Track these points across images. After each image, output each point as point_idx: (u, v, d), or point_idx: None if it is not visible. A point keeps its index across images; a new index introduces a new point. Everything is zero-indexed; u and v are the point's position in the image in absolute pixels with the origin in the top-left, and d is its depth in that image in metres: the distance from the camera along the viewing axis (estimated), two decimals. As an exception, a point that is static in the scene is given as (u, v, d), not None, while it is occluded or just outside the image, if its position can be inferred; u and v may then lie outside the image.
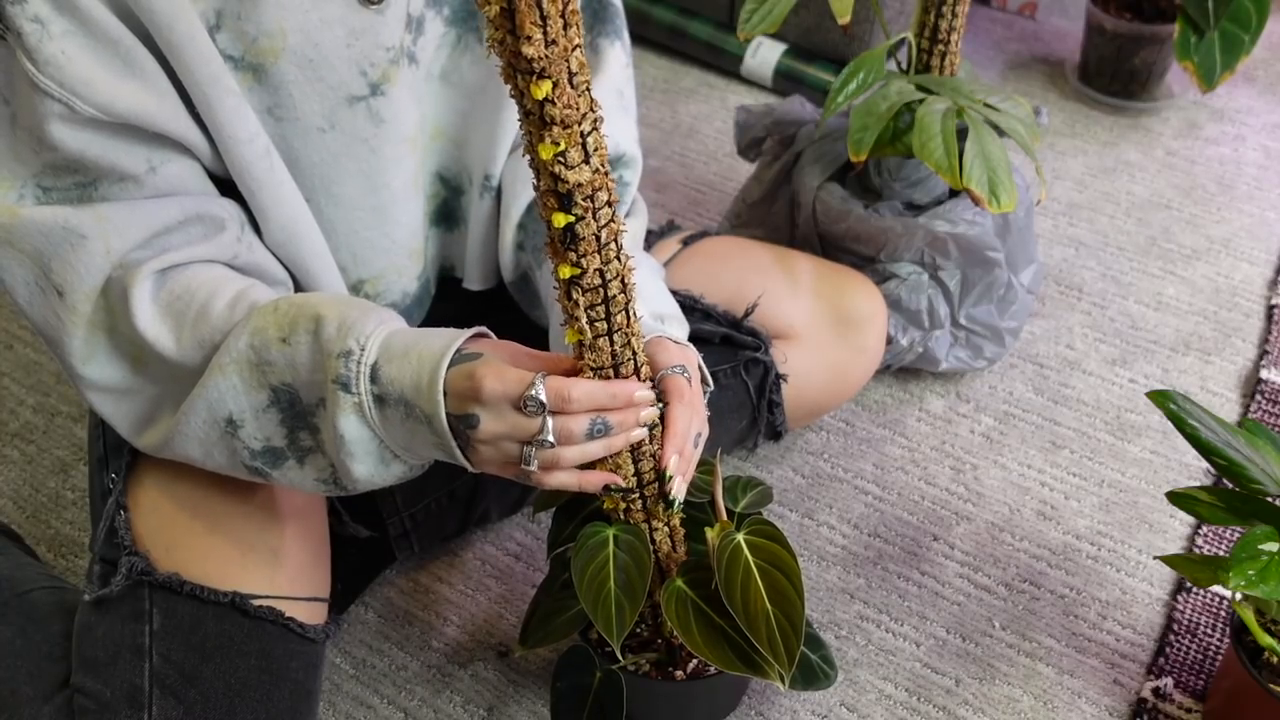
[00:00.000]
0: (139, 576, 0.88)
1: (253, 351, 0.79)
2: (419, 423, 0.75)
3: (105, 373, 0.83)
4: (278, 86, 0.82)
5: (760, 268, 1.18)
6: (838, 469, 1.25)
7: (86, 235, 0.78)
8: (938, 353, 1.29)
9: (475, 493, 1.11)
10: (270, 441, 0.81)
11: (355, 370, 0.75)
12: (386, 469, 0.80)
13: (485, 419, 0.73)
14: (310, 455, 0.82)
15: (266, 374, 0.79)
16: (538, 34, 0.59)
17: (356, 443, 0.78)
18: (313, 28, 0.81)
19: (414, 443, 0.78)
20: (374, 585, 1.15)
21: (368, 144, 0.87)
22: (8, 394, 1.37)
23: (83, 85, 0.73)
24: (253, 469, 0.83)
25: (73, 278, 0.79)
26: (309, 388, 0.79)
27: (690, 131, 1.76)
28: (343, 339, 0.76)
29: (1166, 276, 1.48)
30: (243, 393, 0.80)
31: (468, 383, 0.73)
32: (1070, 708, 1.04)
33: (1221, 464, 0.88)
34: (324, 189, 0.88)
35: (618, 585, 0.83)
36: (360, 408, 0.76)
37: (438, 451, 0.78)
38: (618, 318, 0.73)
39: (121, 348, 0.83)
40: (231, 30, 0.78)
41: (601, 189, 0.67)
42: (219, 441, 0.82)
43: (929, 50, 1.22)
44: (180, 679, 0.86)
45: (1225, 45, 1.39)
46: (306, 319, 0.78)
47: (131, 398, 0.85)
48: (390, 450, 0.79)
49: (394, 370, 0.75)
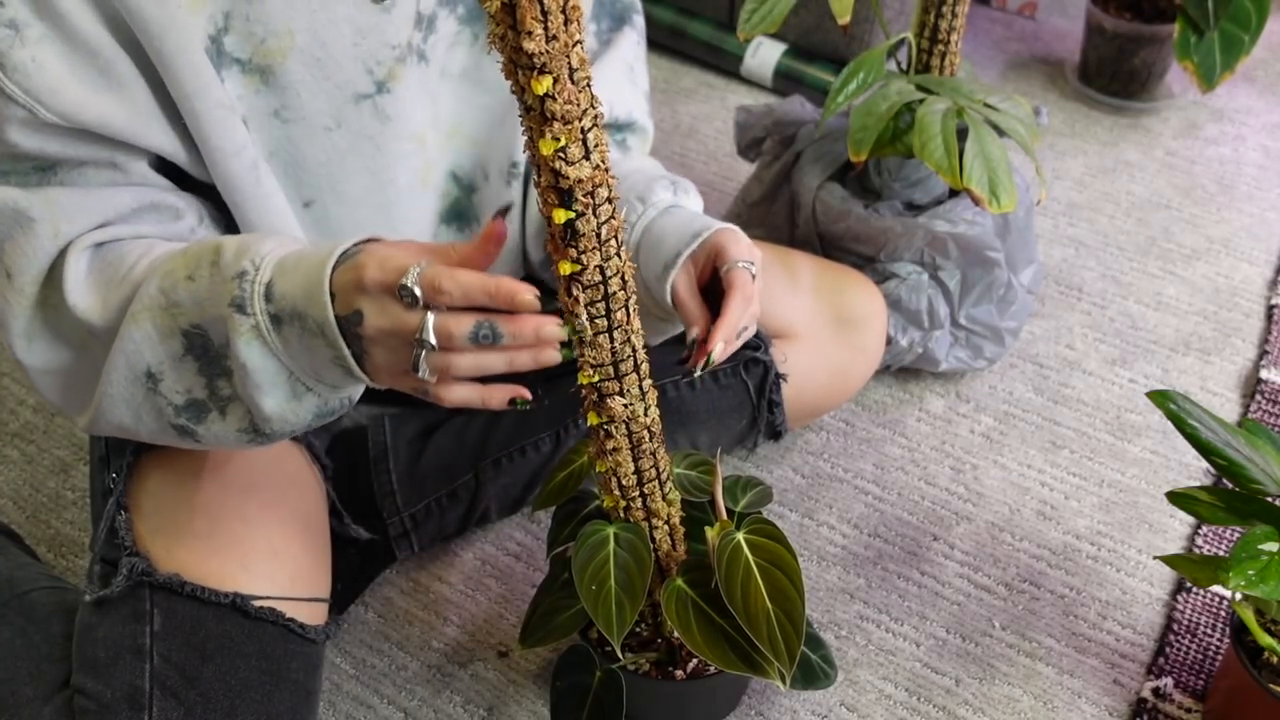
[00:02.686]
0: (140, 577, 0.88)
1: (162, 295, 0.76)
2: (314, 335, 0.71)
3: (47, 355, 0.82)
4: (285, 87, 0.82)
5: (760, 267, 1.17)
6: (838, 469, 1.25)
7: (35, 219, 0.78)
8: (938, 353, 1.29)
9: (476, 492, 1.11)
10: (191, 393, 0.78)
11: (250, 290, 0.72)
12: (299, 402, 0.76)
13: (368, 312, 0.69)
14: (231, 404, 0.78)
15: (176, 317, 0.76)
16: (538, 29, 0.59)
17: (260, 371, 0.74)
18: (320, 26, 0.81)
19: (314, 362, 0.73)
20: (374, 585, 1.15)
21: (373, 141, 0.87)
22: (8, 394, 1.37)
23: (49, 94, 0.73)
24: (179, 428, 0.80)
25: (21, 260, 0.79)
26: (215, 324, 0.75)
27: (690, 131, 1.76)
28: (238, 261, 0.73)
29: (1166, 276, 1.48)
30: (157, 341, 0.77)
31: (351, 274, 0.69)
32: (1070, 708, 1.04)
33: (1221, 464, 0.88)
34: (330, 187, 0.88)
35: (618, 584, 0.83)
36: (258, 329, 0.72)
37: (335, 366, 0.73)
38: (617, 314, 0.73)
39: (62, 328, 0.82)
40: (239, 32, 0.79)
41: (602, 185, 0.67)
42: (144, 401, 0.79)
43: (929, 50, 1.22)
44: (181, 680, 0.86)
45: (1225, 45, 1.39)
46: (209, 251, 0.75)
47: (73, 378, 0.84)
48: (299, 380, 0.75)
49: (286, 284, 0.71)
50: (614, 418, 0.78)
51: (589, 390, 0.78)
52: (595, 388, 0.77)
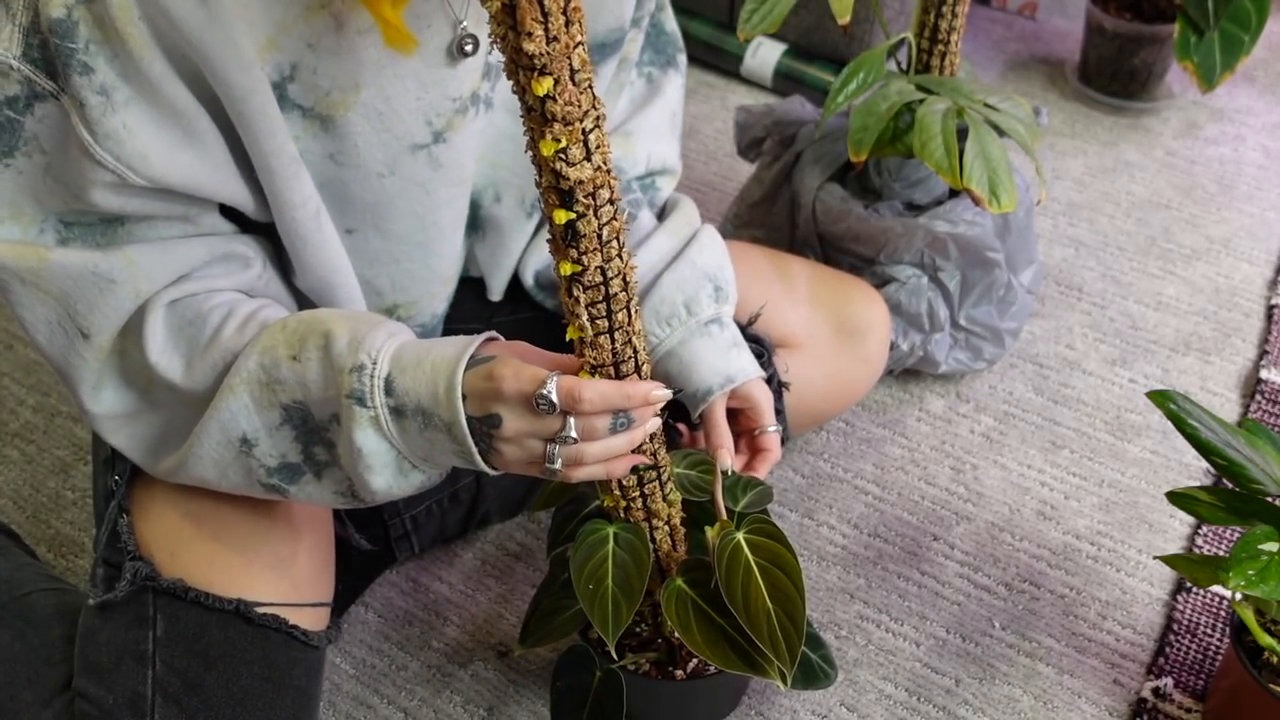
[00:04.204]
0: (143, 582, 0.88)
1: (263, 370, 0.78)
2: (438, 431, 0.75)
3: (114, 402, 0.83)
4: (344, 136, 0.81)
5: (762, 275, 1.17)
6: (838, 469, 1.25)
7: (116, 280, 0.78)
8: (937, 355, 1.29)
9: (477, 495, 1.11)
10: (286, 458, 0.81)
11: (369, 384, 0.75)
12: (405, 479, 0.80)
13: (508, 418, 0.73)
14: (327, 469, 0.82)
15: (277, 392, 0.79)
16: (539, 30, 0.59)
17: (374, 455, 0.77)
18: (386, 82, 0.80)
19: (433, 451, 0.78)
20: (374, 585, 1.15)
21: (423, 187, 0.87)
22: (8, 394, 1.37)
23: (139, 160, 0.72)
24: (269, 486, 0.83)
25: (99, 320, 0.79)
26: (321, 404, 0.78)
27: (690, 131, 1.76)
28: (354, 353, 0.76)
29: (1166, 276, 1.48)
30: (254, 412, 0.79)
31: (487, 383, 0.73)
32: (1070, 708, 1.04)
33: (1221, 464, 0.88)
34: (374, 225, 0.88)
35: (615, 583, 0.83)
36: (377, 421, 0.76)
37: (457, 459, 0.77)
38: (618, 315, 0.73)
39: (131, 377, 0.83)
40: (304, 83, 0.78)
41: (603, 186, 0.67)
42: (234, 462, 0.82)
43: (929, 50, 1.22)
44: (183, 686, 0.86)
45: (1225, 45, 1.39)
46: (316, 335, 0.78)
47: (141, 424, 0.85)
48: (408, 461, 0.79)
49: (409, 381, 0.75)
50: (614, 418, 0.78)
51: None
52: (596, 388, 0.77)
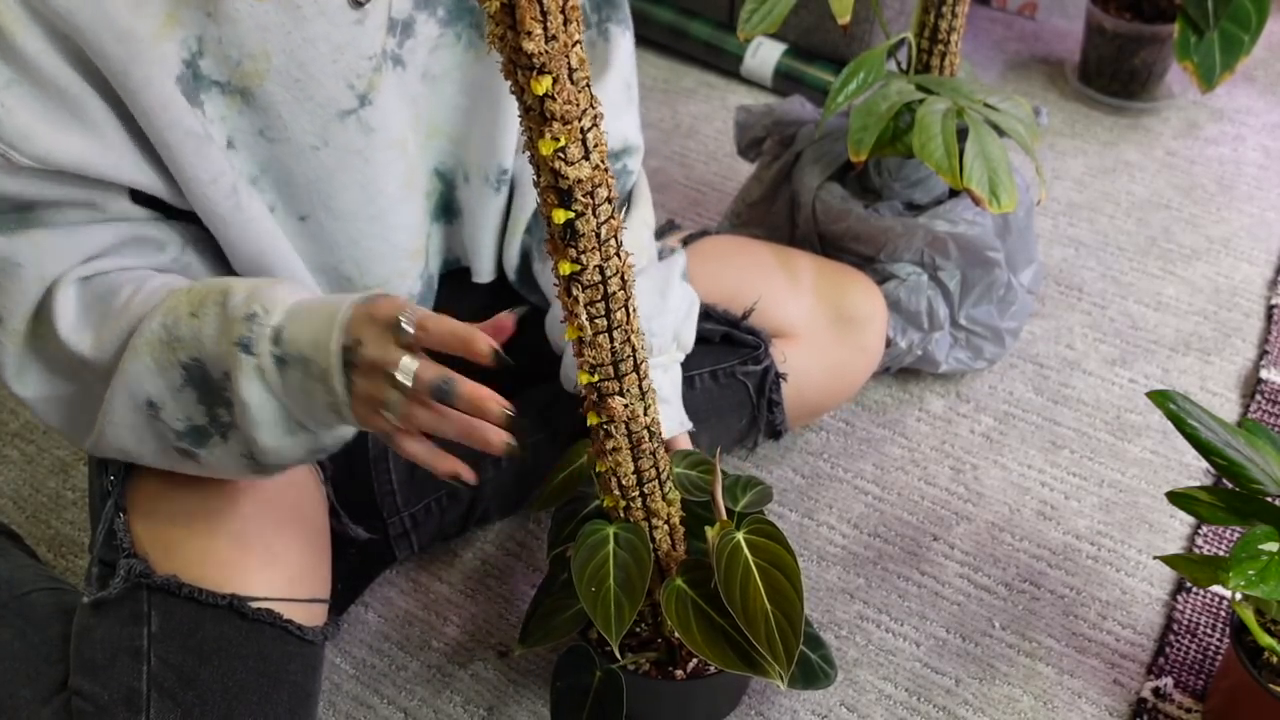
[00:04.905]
0: (137, 579, 0.88)
1: (164, 330, 0.78)
2: (314, 380, 0.75)
3: (39, 385, 0.84)
4: (266, 108, 0.82)
5: (760, 267, 1.18)
6: (838, 469, 1.25)
7: (22, 264, 0.79)
8: (937, 354, 1.29)
9: (476, 492, 1.11)
10: (192, 420, 0.81)
11: (257, 331, 0.75)
12: (293, 439, 0.79)
13: (368, 342, 0.72)
14: (232, 431, 0.81)
15: (176, 350, 0.78)
16: (538, 29, 0.59)
17: (260, 409, 0.77)
18: (295, 47, 0.80)
19: (311, 405, 0.77)
20: (374, 585, 1.15)
21: (361, 155, 0.87)
22: (7, 394, 1.37)
23: (21, 139, 0.73)
24: (181, 451, 0.83)
25: (9, 304, 0.80)
26: (215, 360, 0.78)
27: (690, 131, 1.76)
28: (248, 304, 0.76)
29: (1166, 276, 1.48)
30: (156, 373, 0.79)
31: (366, 307, 0.73)
32: (1070, 708, 1.04)
33: (1221, 464, 0.88)
34: (323, 204, 0.89)
35: (617, 583, 0.83)
36: (261, 371, 0.76)
37: (329, 411, 0.76)
38: (617, 314, 0.73)
39: (51, 357, 0.83)
40: (214, 55, 0.78)
41: (601, 185, 0.67)
42: (145, 427, 0.82)
43: (929, 50, 1.22)
44: (178, 682, 0.86)
45: (1225, 45, 1.39)
46: (216, 293, 0.78)
47: (68, 404, 0.86)
48: (293, 419, 0.78)
49: (297, 328, 0.75)
50: (614, 418, 0.78)
51: (589, 390, 0.78)
52: (595, 388, 0.77)
